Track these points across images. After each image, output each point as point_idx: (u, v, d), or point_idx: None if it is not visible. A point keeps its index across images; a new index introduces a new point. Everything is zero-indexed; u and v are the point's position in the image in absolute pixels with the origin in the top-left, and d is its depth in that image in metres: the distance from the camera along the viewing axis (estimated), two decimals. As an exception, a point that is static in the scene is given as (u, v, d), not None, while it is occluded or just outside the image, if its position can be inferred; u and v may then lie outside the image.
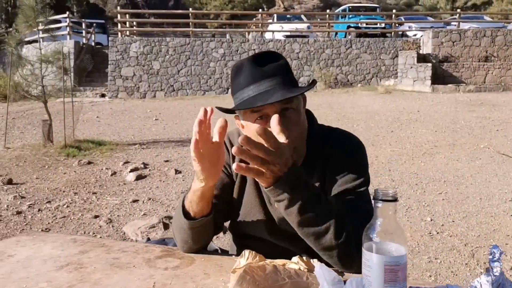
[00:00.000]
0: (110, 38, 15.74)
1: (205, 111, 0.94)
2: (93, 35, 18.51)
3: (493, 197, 4.38)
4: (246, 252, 0.94)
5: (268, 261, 0.89)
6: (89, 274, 1.01)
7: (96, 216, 4.01)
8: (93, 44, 18.09)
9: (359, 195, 1.10)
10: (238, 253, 1.32)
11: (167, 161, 6.02)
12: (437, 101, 11.50)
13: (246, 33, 17.53)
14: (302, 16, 19.93)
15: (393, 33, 17.02)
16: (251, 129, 0.84)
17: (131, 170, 5.43)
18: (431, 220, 3.79)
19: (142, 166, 5.67)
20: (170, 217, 3.92)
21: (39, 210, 4.21)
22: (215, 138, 0.99)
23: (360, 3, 33.98)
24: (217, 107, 1.23)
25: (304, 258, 0.93)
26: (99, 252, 1.15)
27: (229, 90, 13.92)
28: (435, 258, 3.09)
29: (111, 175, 5.39)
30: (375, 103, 11.41)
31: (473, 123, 8.58)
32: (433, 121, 8.87)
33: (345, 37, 16.90)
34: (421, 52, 14.77)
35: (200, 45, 14.73)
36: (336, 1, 39.56)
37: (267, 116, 1.10)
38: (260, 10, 20.07)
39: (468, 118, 9.12)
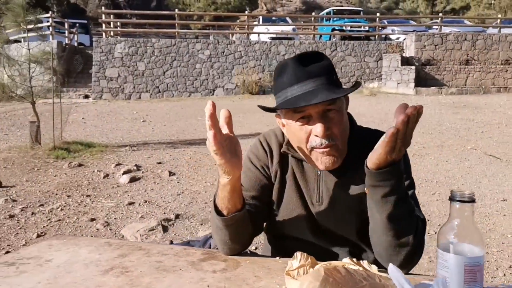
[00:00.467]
0: (94, 39, 15.46)
1: (213, 104, 0.94)
2: (75, 35, 18.19)
3: (485, 197, 4.47)
4: (298, 254, 0.93)
5: (326, 262, 0.89)
6: (137, 278, 1.00)
7: (92, 219, 3.94)
8: (75, 44, 17.78)
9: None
10: (273, 254, 1.32)
11: (159, 163, 5.95)
12: (421, 103, 11.64)
13: (230, 35, 17.50)
14: (287, 19, 20.01)
15: (377, 36, 17.24)
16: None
17: (124, 172, 5.35)
18: (428, 220, 3.85)
19: (134, 168, 5.60)
20: (168, 220, 3.89)
21: (32, 213, 4.11)
22: (224, 130, 1.00)
23: (341, 6, 34.39)
24: (259, 106, 1.22)
25: (354, 259, 0.93)
26: (139, 256, 1.14)
27: (215, 91, 13.74)
28: (436, 258, 3.13)
29: (104, 177, 5.31)
30: (361, 105, 11.52)
31: (458, 125, 8.76)
32: (419, 123, 8.95)
33: (329, 39, 17.04)
34: (404, 55, 15.01)
35: (186, 46, 14.62)
36: (318, 4, 39.93)
37: (309, 116, 1.10)
38: (246, 12, 20.05)
39: (453, 120, 9.30)
